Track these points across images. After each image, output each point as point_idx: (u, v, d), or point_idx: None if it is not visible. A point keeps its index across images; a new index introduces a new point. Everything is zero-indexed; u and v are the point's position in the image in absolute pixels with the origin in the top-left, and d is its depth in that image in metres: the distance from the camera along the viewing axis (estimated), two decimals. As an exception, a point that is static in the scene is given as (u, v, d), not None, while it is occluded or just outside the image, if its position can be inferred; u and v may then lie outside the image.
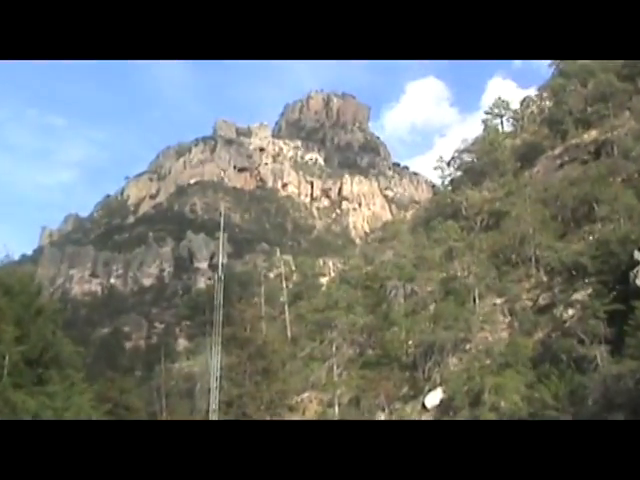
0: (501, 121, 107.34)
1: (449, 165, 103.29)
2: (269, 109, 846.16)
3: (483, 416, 42.74)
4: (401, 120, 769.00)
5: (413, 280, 67.87)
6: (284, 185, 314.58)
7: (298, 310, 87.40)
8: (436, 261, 70.09)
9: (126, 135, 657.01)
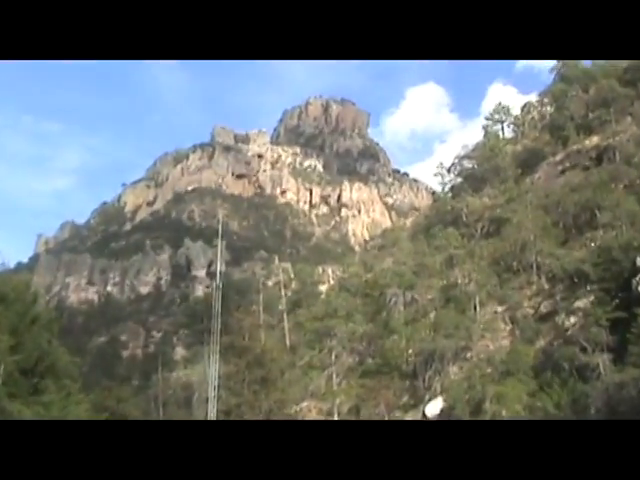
0: (502, 127, 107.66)
1: (449, 172, 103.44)
2: (267, 115, 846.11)
3: (484, 426, 42.62)
4: (401, 126, 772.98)
5: (413, 288, 67.85)
6: (283, 192, 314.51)
7: (297, 318, 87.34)
8: (436, 268, 70.07)
9: (123, 141, 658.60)
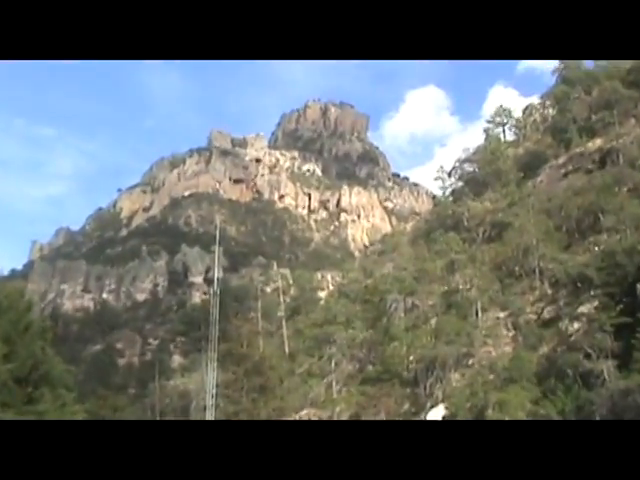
0: (503, 130, 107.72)
1: (450, 175, 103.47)
2: (265, 119, 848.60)
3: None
4: (400, 130, 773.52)
5: (414, 293, 67.78)
6: (281, 197, 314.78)
7: (296, 325, 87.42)
8: (437, 274, 69.99)
9: (118, 146, 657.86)
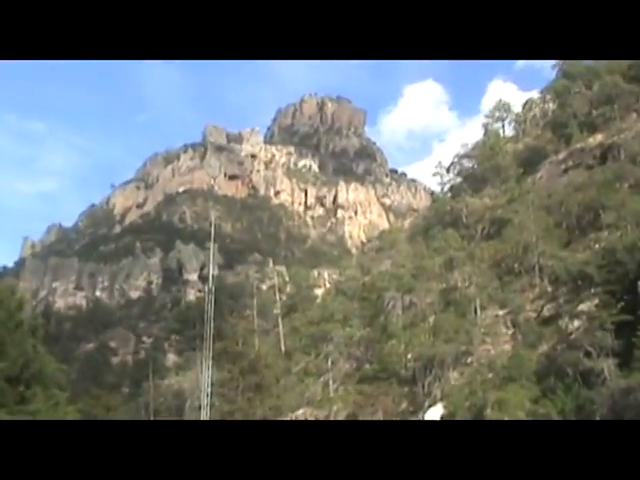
0: (502, 125, 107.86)
1: (448, 171, 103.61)
2: (261, 114, 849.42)
3: (486, 432, 42.56)
4: (398, 125, 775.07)
5: (412, 291, 67.77)
6: (277, 193, 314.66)
7: (292, 323, 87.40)
8: (436, 271, 69.96)
9: (111, 141, 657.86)
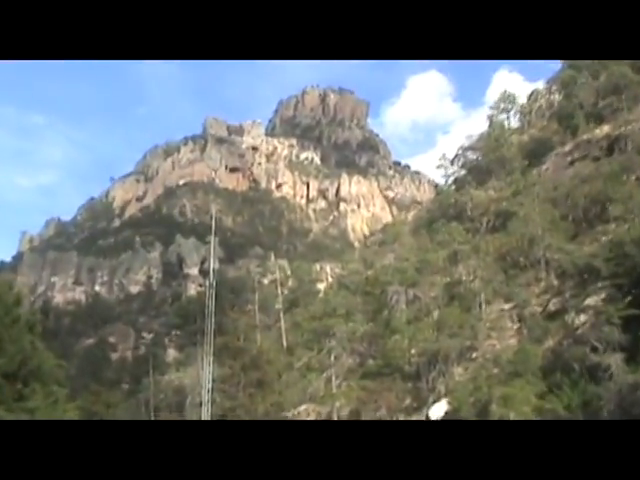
0: (507, 116, 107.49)
1: (453, 163, 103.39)
2: (262, 106, 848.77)
3: (491, 429, 42.55)
4: (402, 117, 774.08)
5: (415, 285, 67.69)
6: (278, 186, 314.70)
7: (294, 318, 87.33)
8: (440, 265, 69.88)
9: (110, 134, 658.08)
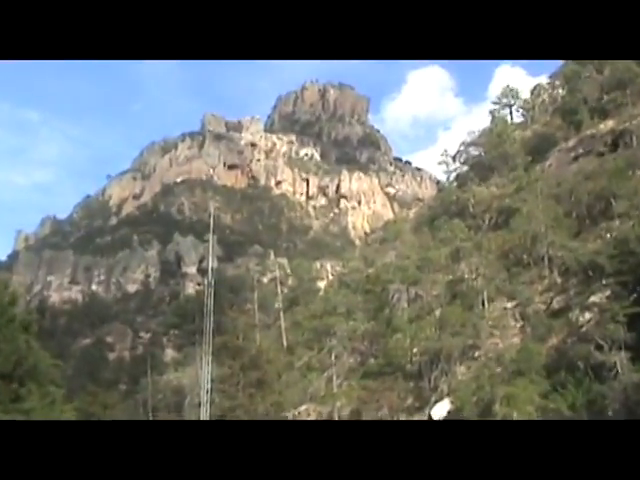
0: (510, 111, 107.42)
1: (454, 160, 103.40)
2: (261, 101, 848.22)
3: (494, 428, 42.55)
4: (403, 112, 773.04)
5: (417, 283, 67.77)
6: (278, 183, 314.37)
7: (294, 317, 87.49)
8: (442, 262, 69.93)
9: (107, 130, 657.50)
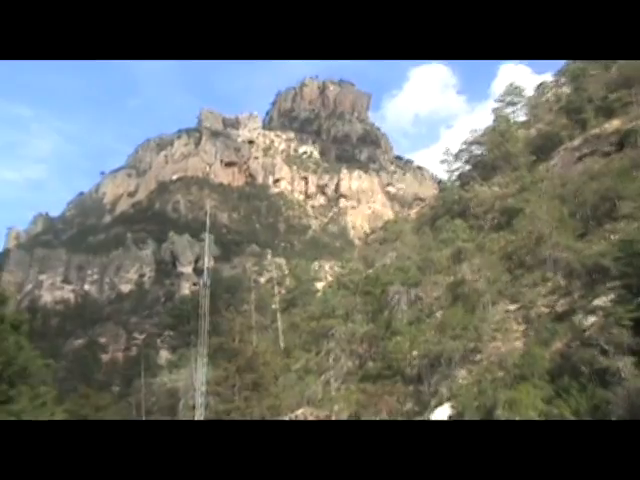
0: (514, 110, 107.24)
1: (456, 158, 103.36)
2: (259, 98, 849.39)
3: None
4: (404, 109, 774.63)
5: (418, 285, 67.75)
6: (276, 181, 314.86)
7: (292, 318, 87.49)
8: (443, 264, 69.93)
9: (101, 127, 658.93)
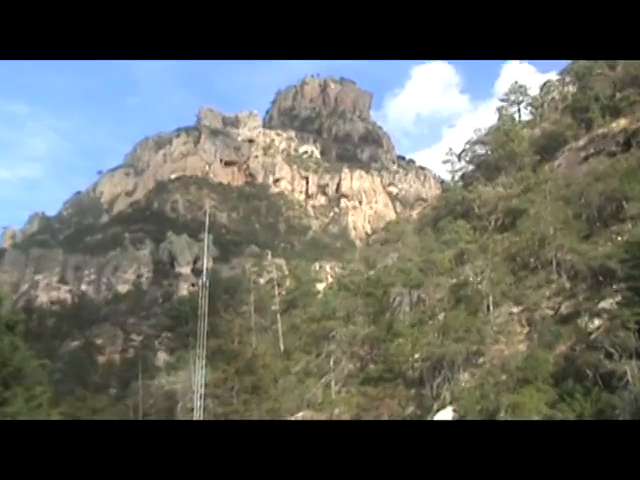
0: (518, 109, 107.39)
1: (460, 158, 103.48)
2: (259, 96, 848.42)
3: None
4: (406, 108, 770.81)
5: (420, 286, 67.75)
6: (276, 180, 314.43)
7: (292, 320, 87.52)
8: (445, 265, 69.94)
9: (98, 125, 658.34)
